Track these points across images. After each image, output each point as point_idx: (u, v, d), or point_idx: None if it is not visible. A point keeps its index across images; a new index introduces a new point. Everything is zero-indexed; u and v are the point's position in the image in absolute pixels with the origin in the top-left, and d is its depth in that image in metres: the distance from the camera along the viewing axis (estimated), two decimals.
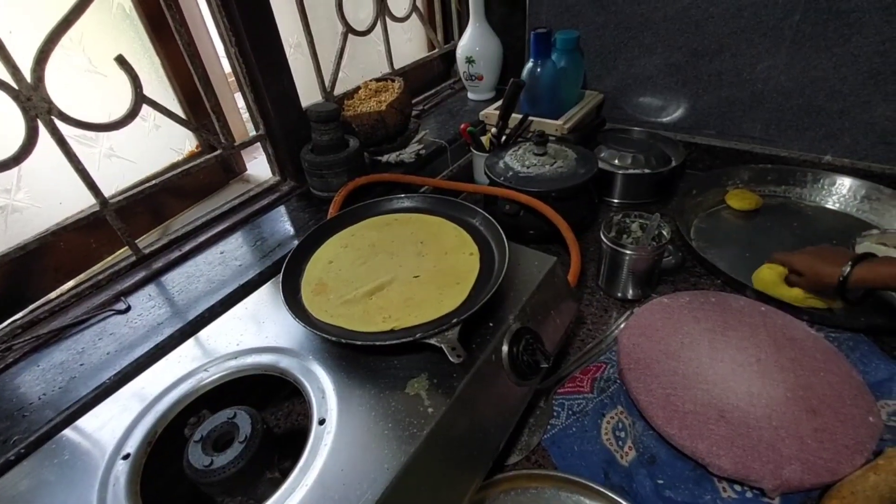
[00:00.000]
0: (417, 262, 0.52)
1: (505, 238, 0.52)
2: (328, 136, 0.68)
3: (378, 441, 0.37)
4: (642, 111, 0.98)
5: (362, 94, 0.82)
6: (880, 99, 0.74)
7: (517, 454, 0.50)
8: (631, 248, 0.61)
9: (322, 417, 0.40)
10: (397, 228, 0.58)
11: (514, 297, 0.50)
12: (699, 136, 0.94)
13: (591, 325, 0.64)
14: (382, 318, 0.45)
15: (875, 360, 0.54)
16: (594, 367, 0.57)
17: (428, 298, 0.47)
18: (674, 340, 0.54)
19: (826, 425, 0.44)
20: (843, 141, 0.80)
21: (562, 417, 0.53)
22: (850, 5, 0.70)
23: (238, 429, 0.40)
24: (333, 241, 0.57)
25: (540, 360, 0.47)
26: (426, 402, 0.40)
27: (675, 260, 0.71)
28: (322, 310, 0.47)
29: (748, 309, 0.57)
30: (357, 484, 0.35)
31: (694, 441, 0.44)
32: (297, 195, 0.76)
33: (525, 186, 0.73)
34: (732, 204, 0.82)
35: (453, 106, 1.07)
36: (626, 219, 0.68)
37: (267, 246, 0.65)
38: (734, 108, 0.88)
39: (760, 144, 0.88)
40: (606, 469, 0.47)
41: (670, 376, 0.50)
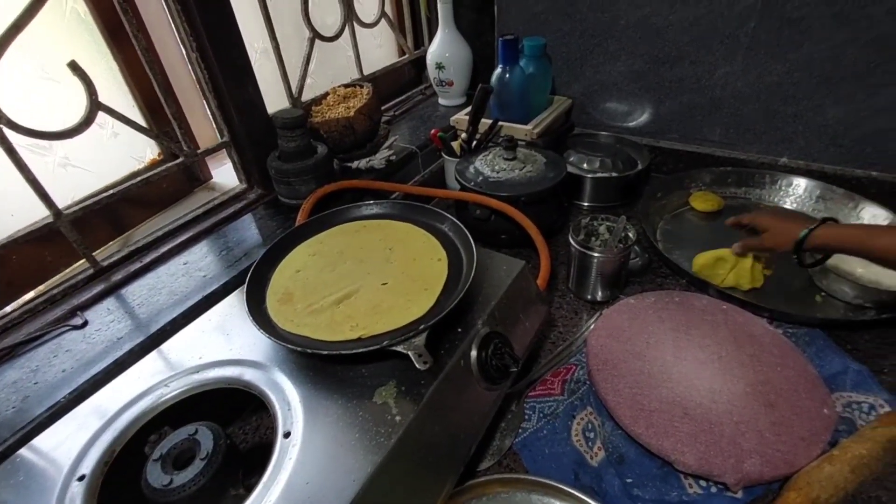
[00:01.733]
0: (386, 269, 0.52)
1: (473, 243, 0.52)
2: (295, 142, 0.68)
3: (345, 452, 0.37)
4: (609, 116, 1.01)
5: (331, 101, 0.81)
6: (831, 103, 0.78)
7: (489, 459, 0.50)
8: (598, 251, 0.62)
9: (287, 430, 0.39)
10: (366, 235, 0.58)
11: (483, 302, 0.50)
12: (663, 140, 0.96)
13: (561, 327, 0.65)
14: (350, 326, 0.45)
15: (830, 353, 0.56)
16: (564, 370, 0.58)
17: (396, 305, 0.47)
18: (640, 340, 0.55)
19: (783, 418, 0.45)
20: (797, 143, 0.84)
21: (533, 420, 0.53)
22: (801, 13, 0.74)
23: (199, 445, 0.39)
24: (301, 249, 0.56)
25: (509, 365, 0.47)
26: (394, 410, 0.40)
27: (641, 261, 0.73)
28: (288, 319, 0.47)
29: (710, 307, 0.59)
30: (323, 496, 0.34)
31: (660, 439, 0.45)
32: (264, 203, 0.75)
33: (495, 191, 0.74)
34: (696, 206, 0.85)
35: (424, 111, 1.07)
36: (593, 222, 0.69)
37: (233, 255, 0.63)
38: (695, 113, 0.90)
39: (721, 148, 0.91)
40: (576, 470, 0.48)
41: (637, 376, 0.51)
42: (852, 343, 0.58)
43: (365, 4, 0.98)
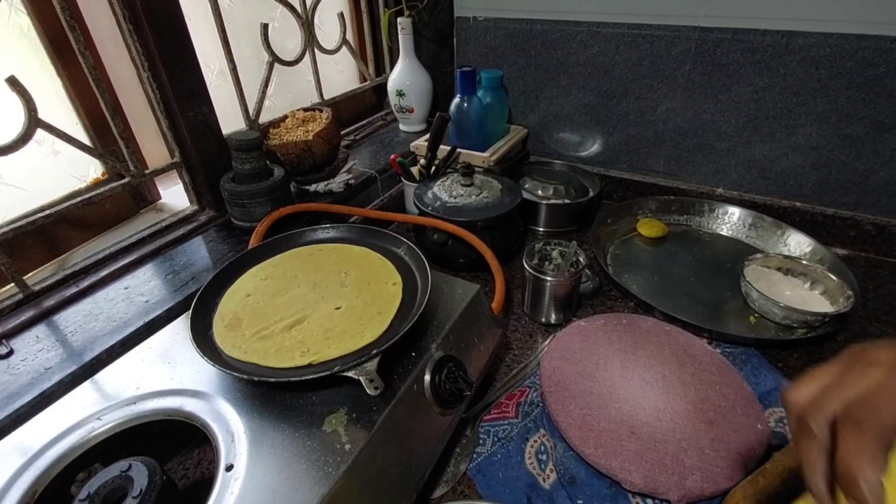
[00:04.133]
0: (340, 293, 0.51)
1: (428, 267, 0.52)
2: (250, 164, 0.67)
3: (290, 484, 0.36)
4: (563, 146, 1.05)
5: (289, 124, 0.81)
6: (757, 140, 0.85)
7: (443, 486, 0.49)
8: (551, 275, 0.64)
9: (230, 463, 0.37)
10: (321, 258, 0.57)
11: (438, 326, 0.50)
12: (613, 169, 1.02)
13: (517, 350, 0.66)
14: (300, 352, 0.44)
15: (763, 371, 0.60)
16: (519, 392, 0.58)
17: (348, 330, 0.46)
18: (590, 362, 0.57)
19: (721, 435, 0.48)
20: (731, 175, 0.90)
21: (488, 444, 0.53)
22: (728, 59, 0.81)
23: (132, 483, 0.37)
24: (253, 273, 0.55)
25: (463, 388, 0.47)
26: (343, 438, 0.39)
27: (593, 284, 0.76)
28: (235, 346, 0.45)
29: (655, 329, 0.62)
30: None
31: (608, 459, 0.46)
32: (216, 226, 0.73)
33: (452, 216, 0.75)
34: (643, 232, 0.90)
35: (385, 137, 1.09)
36: (546, 247, 0.71)
37: (179, 279, 0.61)
38: (640, 145, 0.96)
39: (665, 178, 0.97)
40: (529, 494, 0.48)
41: (586, 396, 0.52)
42: (783, 361, 0.62)
43: (327, 31, 1.00)
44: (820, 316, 0.63)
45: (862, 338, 0.66)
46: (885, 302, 0.73)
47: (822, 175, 0.83)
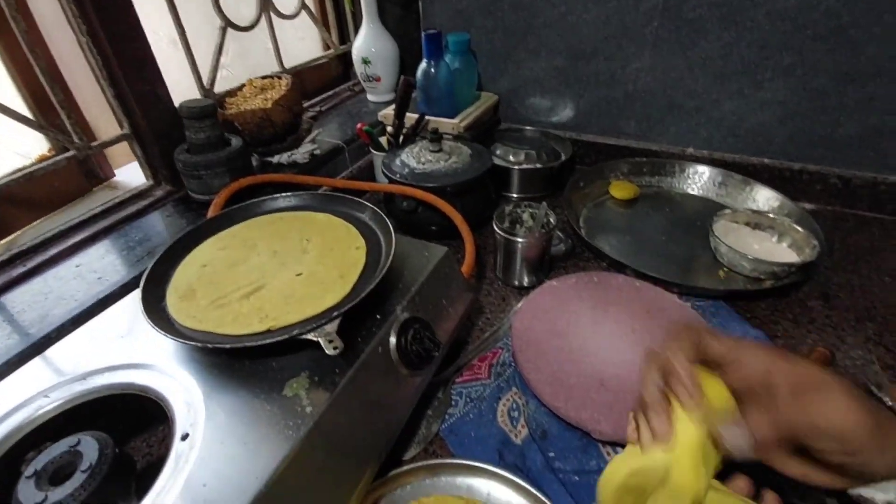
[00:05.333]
0: (301, 260, 0.50)
1: (392, 229, 0.51)
2: (204, 133, 0.64)
3: (249, 449, 0.34)
4: (534, 112, 1.04)
5: (247, 92, 0.77)
6: (726, 97, 0.85)
7: (415, 447, 0.49)
8: (522, 236, 0.64)
9: (185, 433, 0.36)
10: (282, 227, 0.55)
11: (403, 288, 0.49)
12: (584, 133, 1.00)
13: (489, 313, 0.65)
14: (259, 318, 0.42)
15: (732, 322, 0.61)
16: (491, 354, 0.58)
17: (309, 295, 0.45)
18: (561, 320, 0.56)
19: None
20: (701, 134, 0.90)
21: (460, 406, 0.53)
22: (696, 14, 0.80)
23: (82, 457, 0.35)
24: (209, 244, 0.53)
25: (431, 349, 0.46)
26: (305, 401, 0.38)
27: (565, 247, 0.75)
28: (189, 316, 0.43)
29: (625, 285, 0.62)
30: (221, 498, 0.31)
31: (578, 411, 0.46)
32: (173, 200, 0.70)
33: (421, 182, 0.73)
34: (615, 194, 0.89)
35: (353, 108, 1.05)
36: (517, 209, 0.70)
37: (134, 255, 0.58)
38: (611, 107, 0.95)
39: (636, 140, 0.97)
40: (501, 450, 0.48)
41: (557, 353, 0.52)
42: (751, 312, 0.63)
43: None
44: (786, 266, 0.64)
45: (826, 286, 0.67)
46: (849, 252, 0.74)
47: (789, 130, 0.83)
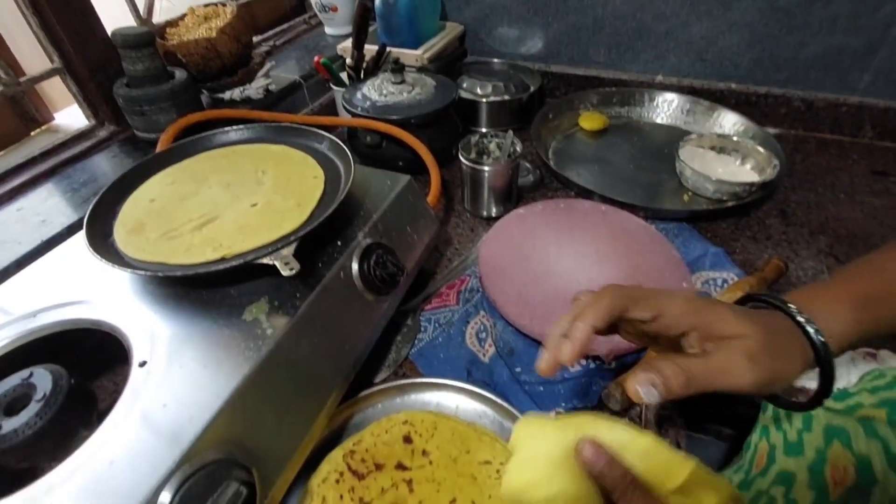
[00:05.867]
0: (256, 191, 0.48)
1: (351, 156, 0.49)
2: (143, 64, 0.59)
3: (209, 372, 0.34)
4: (502, 43, 0.99)
5: (189, 22, 0.71)
6: (695, 19, 0.82)
7: (386, 371, 0.50)
8: (488, 164, 0.63)
9: (143, 360, 0.35)
10: (235, 159, 0.53)
11: (365, 216, 0.48)
12: (554, 64, 0.97)
13: (457, 244, 0.65)
14: (212, 248, 0.41)
15: (694, 241, 0.62)
16: (459, 281, 0.58)
17: (265, 224, 0.43)
18: (527, 245, 0.57)
19: None
20: (670, 60, 0.88)
21: (429, 331, 0.53)
22: None
23: (35, 388, 0.34)
24: (157, 179, 0.50)
25: (395, 273, 0.46)
26: (265, 324, 0.37)
27: (533, 178, 0.75)
28: (139, 249, 0.41)
29: (591, 210, 0.62)
30: (182, 416, 0.31)
31: (542, 327, 0.48)
32: (119, 141, 0.65)
33: (384, 115, 0.71)
34: (584, 125, 0.88)
35: (310, 42, 0.99)
36: (483, 139, 0.69)
37: (80, 197, 0.55)
38: (581, 35, 0.92)
39: (606, 69, 0.94)
40: (469, 368, 0.49)
41: (523, 276, 0.53)
42: (713, 231, 0.65)
43: None
44: (748, 185, 0.65)
45: (785, 205, 0.69)
46: (809, 172, 0.76)
47: (756, 53, 0.82)
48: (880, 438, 0.29)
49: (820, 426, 0.32)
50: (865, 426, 0.30)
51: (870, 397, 0.33)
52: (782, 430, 0.35)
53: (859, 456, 0.29)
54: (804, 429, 0.34)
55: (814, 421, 0.33)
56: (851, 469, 0.28)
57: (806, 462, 0.32)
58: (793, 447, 0.33)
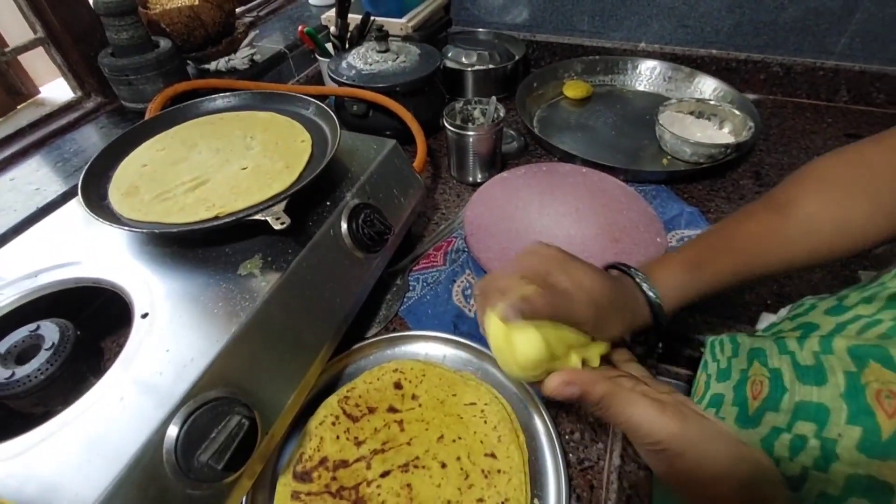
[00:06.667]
0: (245, 155, 0.49)
1: (337, 120, 0.50)
2: (127, 32, 0.59)
3: (208, 319, 0.36)
4: (487, 12, 1.00)
5: None
6: None
7: (376, 326, 0.52)
8: (472, 129, 0.64)
9: (145, 312, 0.37)
10: (223, 126, 0.54)
11: (352, 178, 0.50)
12: (539, 33, 0.98)
13: (444, 209, 0.67)
14: (205, 207, 0.42)
15: (670, 202, 0.65)
16: (446, 243, 0.60)
17: (256, 185, 0.45)
18: (510, 205, 0.59)
19: (625, 249, 0.52)
20: (652, 27, 0.89)
21: (417, 290, 0.56)
22: None
23: (44, 339, 0.36)
24: (147, 146, 0.51)
25: (383, 232, 0.48)
26: (259, 278, 0.40)
27: (518, 144, 0.76)
28: (134, 210, 0.43)
29: (572, 172, 0.64)
30: (184, 358, 0.34)
31: None
32: (107, 112, 0.66)
33: (369, 83, 0.71)
34: (568, 94, 0.89)
35: (293, 13, 0.98)
36: (467, 106, 0.70)
37: (71, 166, 0.56)
38: (565, 3, 0.92)
39: (590, 37, 0.95)
40: (456, 322, 0.52)
41: (506, 234, 0.55)
42: (689, 193, 0.67)
43: None
44: (723, 147, 0.68)
45: (759, 167, 0.72)
46: (784, 136, 0.78)
47: (736, 17, 0.83)
48: (790, 353, 0.32)
49: (745, 351, 0.36)
50: (779, 344, 0.33)
51: (790, 324, 0.37)
52: (716, 361, 0.39)
53: (772, 370, 0.32)
54: (732, 356, 0.38)
55: (740, 347, 0.37)
56: (766, 382, 0.32)
57: (732, 384, 0.35)
58: (723, 373, 0.37)
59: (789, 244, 0.37)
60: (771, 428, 0.30)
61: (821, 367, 0.29)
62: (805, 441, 0.28)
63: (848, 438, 0.26)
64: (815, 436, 0.27)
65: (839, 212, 0.37)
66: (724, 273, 0.38)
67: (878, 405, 0.25)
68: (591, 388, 0.30)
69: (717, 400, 0.36)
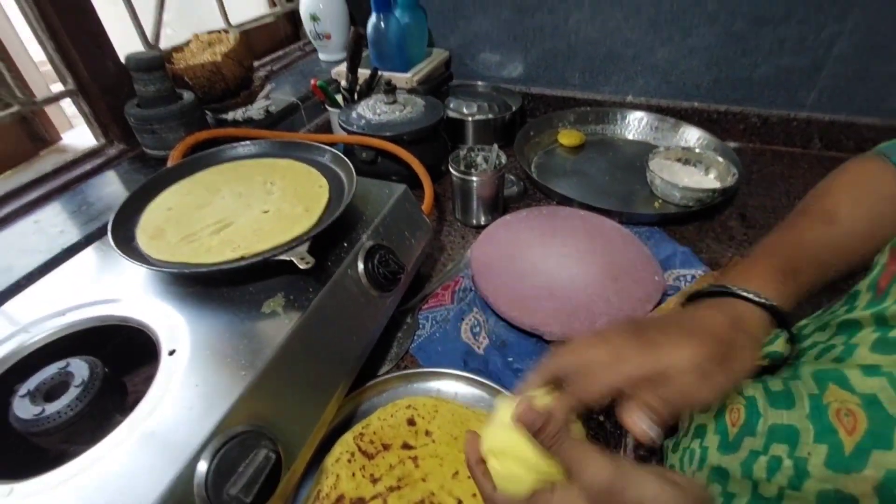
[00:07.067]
0: (266, 199, 0.52)
1: (352, 167, 0.54)
2: (154, 86, 0.63)
3: (234, 355, 0.38)
4: (485, 67, 1.07)
5: (194, 48, 0.76)
6: (658, 44, 0.91)
7: (388, 364, 0.54)
8: (476, 174, 0.68)
9: (172, 349, 0.39)
10: (244, 172, 0.57)
11: (367, 220, 0.53)
12: (534, 87, 1.05)
13: (450, 250, 0.70)
14: (231, 248, 0.45)
15: (664, 243, 0.68)
16: (453, 282, 0.63)
17: (278, 227, 0.47)
18: (514, 246, 0.62)
19: (625, 287, 0.55)
20: (638, 82, 0.97)
21: (427, 328, 0.58)
22: None
23: (73, 376, 0.37)
24: (172, 191, 0.54)
25: (396, 271, 0.51)
26: (282, 315, 0.41)
27: (518, 189, 0.81)
28: (162, 251, 0.45)
29: (571, 215, 0.68)
30: (212, 393, 0.35)
31: (531, 317, 0.52)
32: (128, 159, 0.69)
33: (378, 132, 0.76)
34: (563, 142, 0.95)
35: (305, 67, 1.05)
36: (470, 153, 0.74)
37: (95, 210, 0.59)
38: (557, 60, 1.00)
39: (581, 91, 1.02)
40: (466, 359, 0.53)
41: (511, 273, 0.58)
42: (680, 234, 0.71)
43: None
44: (710, 191, 0.72)
45: (744, 209, 0.76)
46: (765, 181, 0.83)
47: (714, 74, 0.91)
48: (762, 381, 0.34)
49: None
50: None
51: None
52: None
53: (748, 397, 0.34)
54: None
55: None
56: (743, 409, 0.34)
57: (712, 413, 0.37)
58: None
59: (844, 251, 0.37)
60: (749, 451, 0.32)
61: (789, 392, 0.32)
62: (780, 462, 0.29)
63: (816, 456, 0.28)
64: (789, 456, 0.29)
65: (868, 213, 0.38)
66: (811, 284, 0.35)
67: (838, 423, 0.28)
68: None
69: (700, 431, 0.37)
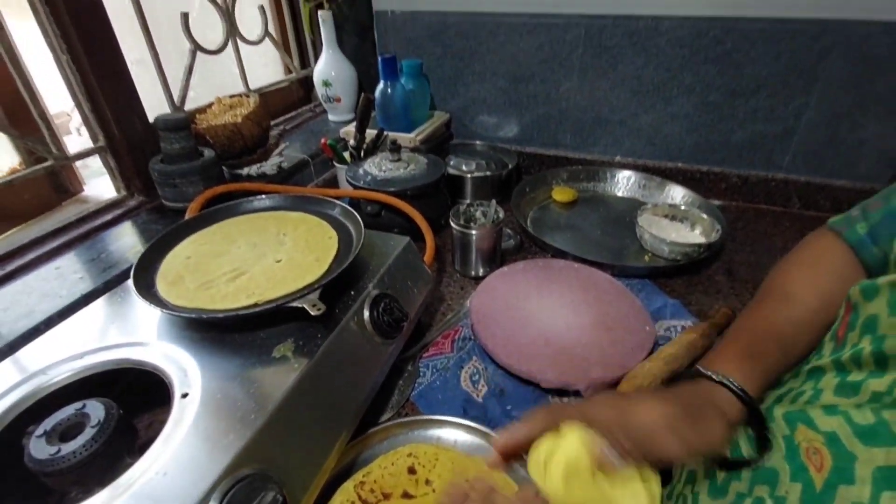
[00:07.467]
0: (279, 250, 0.55)
1: (361, 220, 0.58)
2: (179, 144, 0.68)
3: (245, 398, 0.40)
4: (483, 128, 1.15)
5: (216, 109, 0.83)
6: (642, 111, 0.99)
7: (389, 411, 0.55)
8: (475, 228, 0.72)
9: (185, 392, 0.41)
10: (258, 224, 0.61)
11: (373, 270, 0.56)
12: (528, 146, 1.12)
13: (450, 300, 0.73)
14: (246, 295, 0.48)
15: (655, 295, 0.72)
16: (453, 331, 0.65)
17: (290, 276, 0.50)
18: (512, 296, 0.65)
19: (618, 337, 0.57)
20: (625, 144, 1.04)
21: (427, 376, 0.59)
22: (612, 42, 0.94)
23: (89, 417, 0.39)
24: (190, 241, 0.57)
25: (400, 319, 0.53)
26: (292, 360, 0.43)
27: (514, 242, 0.85)
28: (180, 297, 0.48)
29: (566, 268, 0.71)
30: (223, 436, 0.36)
31: (528, 365, 0.54)
32: (147, 210, 0.73)
33: (383, 188, 0.81)
34: (556, 198, 1.00)
35: (315, 127, 1.12)
36: (470, 208, 0.79)
37: (112, 258, 0.62)
38: (550, 123, 1.08)
39: (573, 151, 1.09)
40: (465, 406, 0.54)
41: (510, 322, 0.60)
42: (670, 287, 0.74)
43: (249, 25, 1.02)
44: (696, 246, 0.76)
45: (730, 264, 0.80)
46: (748, 237, 0.88)
47: (695, 138, 0.98)
48: (744, 428, 0.37)
49: None
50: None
51: None
52: None
53: (733, 443, 0.36)
54: None
55: None
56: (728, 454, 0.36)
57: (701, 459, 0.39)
58: None
59: (805, 326, 0.39)
60: (736, 494, 0.34)
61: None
62: (763, 502, 0.31)
63: (793, 494, 0.29)
64: (770, 496, 0.31)
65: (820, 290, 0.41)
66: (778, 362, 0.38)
67: (809, 461, 0.30)
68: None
69: (690, 477, 0.39)
